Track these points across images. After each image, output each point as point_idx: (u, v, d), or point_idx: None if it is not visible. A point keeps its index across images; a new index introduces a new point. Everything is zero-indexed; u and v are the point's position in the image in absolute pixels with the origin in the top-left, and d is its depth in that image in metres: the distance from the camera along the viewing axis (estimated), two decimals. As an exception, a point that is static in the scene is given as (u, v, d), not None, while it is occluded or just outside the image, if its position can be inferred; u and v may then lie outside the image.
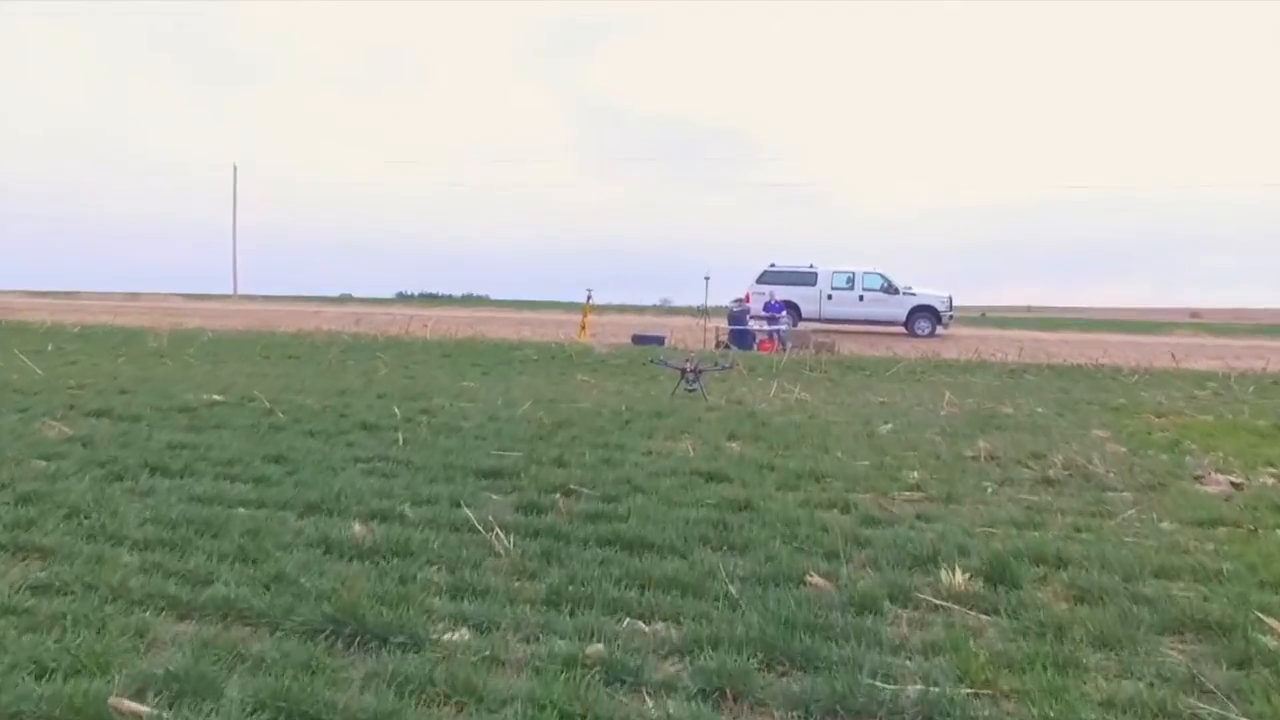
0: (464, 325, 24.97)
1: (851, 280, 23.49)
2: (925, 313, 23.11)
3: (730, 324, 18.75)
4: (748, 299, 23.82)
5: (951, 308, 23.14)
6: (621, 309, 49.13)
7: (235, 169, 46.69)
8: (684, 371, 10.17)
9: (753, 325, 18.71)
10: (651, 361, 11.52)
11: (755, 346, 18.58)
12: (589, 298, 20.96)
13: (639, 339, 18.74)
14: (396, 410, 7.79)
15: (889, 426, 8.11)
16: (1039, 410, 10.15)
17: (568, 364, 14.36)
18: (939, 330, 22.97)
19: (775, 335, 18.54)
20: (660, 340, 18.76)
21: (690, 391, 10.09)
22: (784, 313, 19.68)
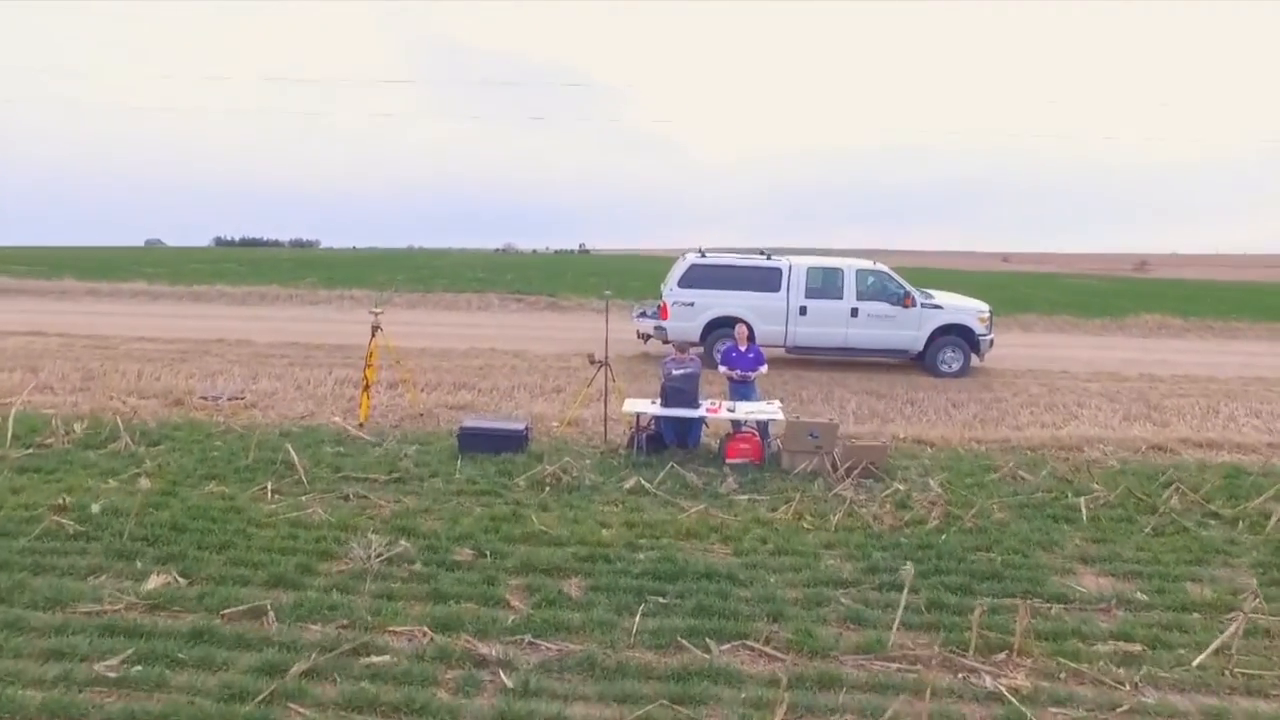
0: (175, 355, 14.06)
1: (838, 283, 13.88)
2: (954, 336, 14.39)
3: (665, 401, 9.02)
4: (664, 313, 14.17)
5: (991, 327, 14.38)
6: (455, 274, 38.04)
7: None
8: None
9: (708, 409, 9.01)
10: None
11: (720, 449, 9.10)
12: (376, 322, 10.65)
13: (471, 438, 8.81)
14: None
15: None
16: None
17: None
18: (974, 362, 14.26)
19: (756, 429, 9.05)
20: (519, 440, 8.92)
21: None
22: (764, 367, 10.03)
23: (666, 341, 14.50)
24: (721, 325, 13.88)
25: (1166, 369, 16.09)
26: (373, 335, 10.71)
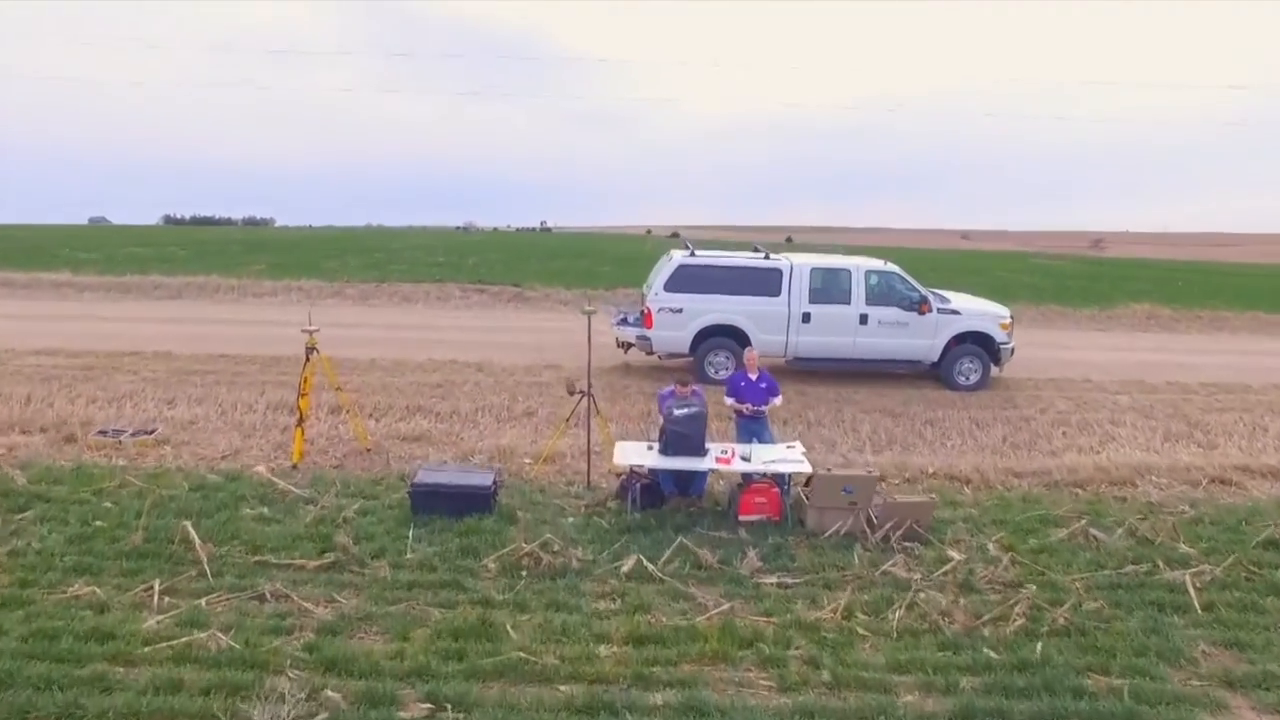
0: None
1: (845, 285, 12.28)
2: (973, 345, 12.91)
3: (665, 448, 7.33)
4: (648, 321, 12.50)
5: (1012, 334, 12.89)
6: (413, 259, 35.73)
7: None
8: None
9: (718, 460, 7.38)
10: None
11: (731, 503, 7.55)
12: (311, 342, 8.83)
13: (427, 497, 7.12)
14: None
15: None
16: None
17: None
18: (994, 372, 12.81)
19: (773, 477, 7.46)
20: (486, 498, 7.25)
21: None
22: (778, 399, 8.46)
23: (650, 353, 12.85)
24: (714, 334, 12.25)
25: (1189, 374, 14.85)
26: (307, 358, 8.92)
